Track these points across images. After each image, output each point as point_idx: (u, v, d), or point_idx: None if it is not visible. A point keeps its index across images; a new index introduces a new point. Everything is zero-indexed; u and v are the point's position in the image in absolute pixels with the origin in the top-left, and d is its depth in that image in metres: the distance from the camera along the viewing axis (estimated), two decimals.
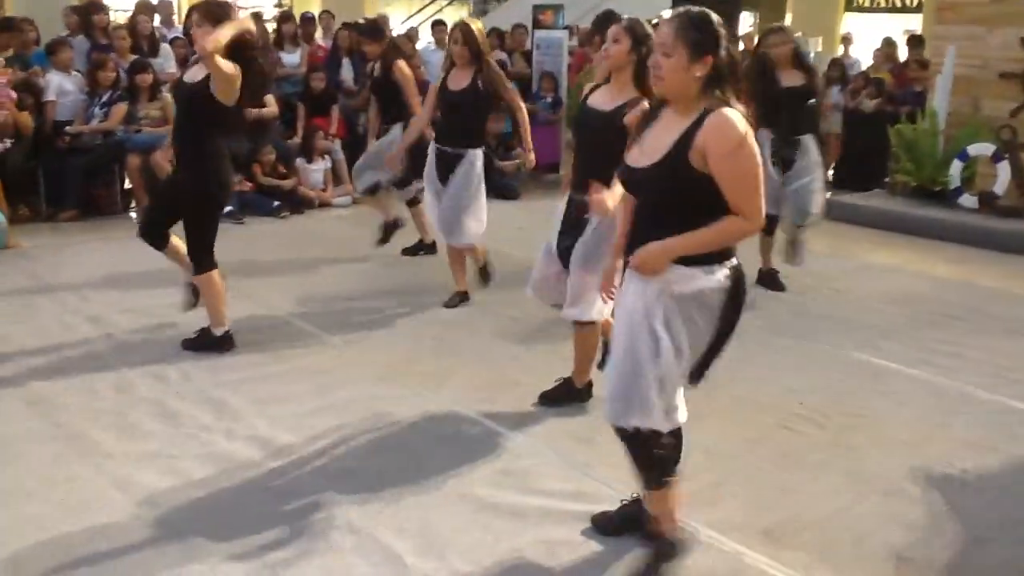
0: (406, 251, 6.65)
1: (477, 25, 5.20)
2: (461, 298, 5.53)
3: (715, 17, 2.50)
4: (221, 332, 4.70)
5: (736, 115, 2.45)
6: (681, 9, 2.54)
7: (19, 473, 3.40)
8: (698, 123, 2.46)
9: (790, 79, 5.70)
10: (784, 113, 5.71)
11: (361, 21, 11.32)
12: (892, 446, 3.88)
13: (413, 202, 6.58)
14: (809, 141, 5.82)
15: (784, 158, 5.78)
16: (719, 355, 2.76)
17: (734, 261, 2.62)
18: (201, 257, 4.61)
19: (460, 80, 5.18)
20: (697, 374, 2.77)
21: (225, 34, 4.16)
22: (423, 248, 6.69)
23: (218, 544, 2.99)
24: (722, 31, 2.49)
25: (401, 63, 6.23)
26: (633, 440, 2.70)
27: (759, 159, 2.48)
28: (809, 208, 5.82)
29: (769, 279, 6.14)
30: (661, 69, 2.50)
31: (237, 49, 4.27)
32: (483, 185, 5.29)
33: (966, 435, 4.01)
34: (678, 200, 2.52)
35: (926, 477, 3.61)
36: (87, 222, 7.50)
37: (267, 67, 4.62)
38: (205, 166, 4.48)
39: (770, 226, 6.04)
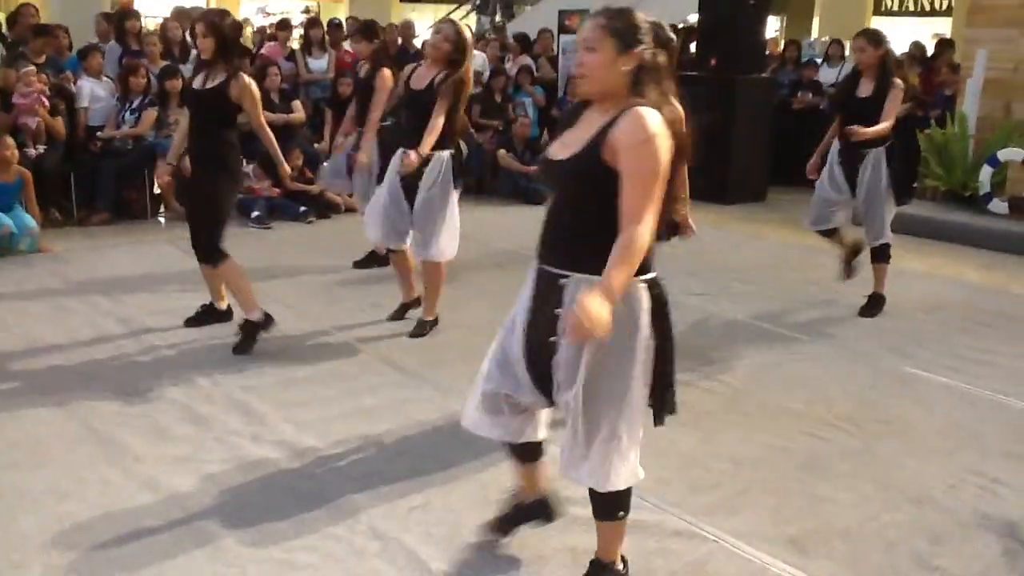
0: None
1: (460, 29, 4.92)
2: (406, 310, 5.34)
3: (640, 14, 2.44)
4: (259, 315, 4.81)
5: (652, 114, 2.34)
6: (602, 6, 2.47)
7: (53, 474, 3.45)
8: (616, 119, 2.37)
9: (864, 89, 5.49)
10: (847, 124, 5.54)
11: (397, 23, 11.44)
12: (922, 454, 3.84)
13: None
14: (876, 157, 5.52)
15: (846, 171, 5.61)
16: (671, 382, 2.60)
17: (652, 275, 2.48)
18: (213, 252, 4.76)
19: (423, 78, 4.87)
20: (659, 408, 2.61)
21: None
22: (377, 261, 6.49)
23: (245, 546, 3.02)
24: (647, 26, 2.42)
25: (386, 71, 6.14)
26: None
27: (662, 165, 2.33)
28: (880, 235, 5.64)
29: (850, 265, 5.95)
30: (585, 66, 2.38)
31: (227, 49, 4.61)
32: (454, 192, 4.91)
33: (998, 443, 3.97)
34: (590, 195, 2.41)
35: (957, 486, 3.58)
36: (118, 226, 7.60)
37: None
38: (221, 163, 4.69)
39: (828, 233, 5.90)
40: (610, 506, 2.69)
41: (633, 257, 2.31)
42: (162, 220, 7.91)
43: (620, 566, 2.82)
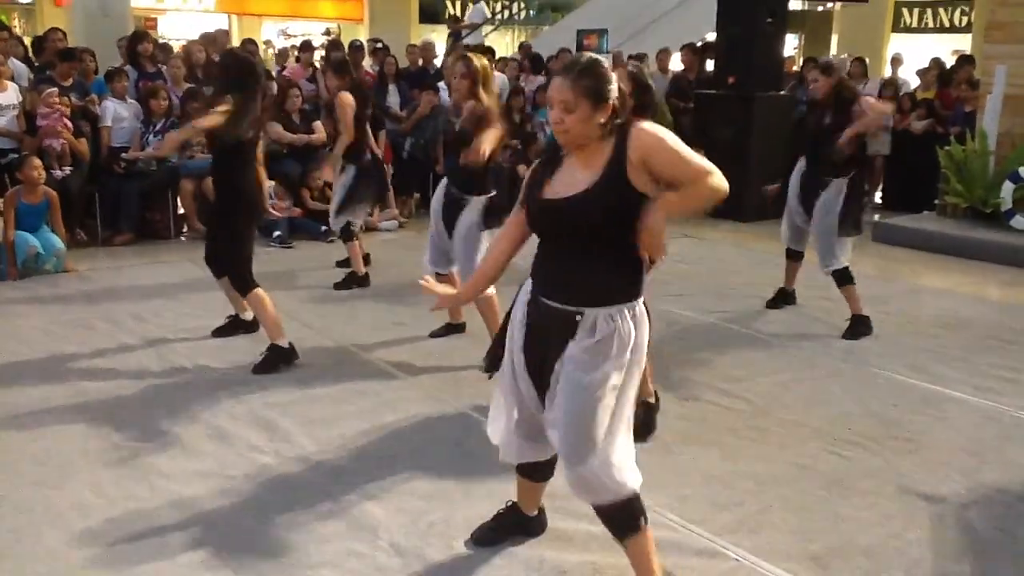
0: (339, 286, 6.50)
1: (480, 61, 4.83)
2: (453, 330, 5.44)
3: (604, 61, 2.57)
4: (286, 343, 4.85)
5: (649, 123, 2.56)
6: (569, 60, 2.58)
7: (79, 490, 3.49)
8: (622, 141, 2.52)
9: (828, 117, 5.54)
10: (816, 148, 5.63)
11: (417, 44, 11.54)
12: (945, 472, 3.82)
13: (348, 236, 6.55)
14: (837, 186, 5.53)
15: (805, 194, 5.68)
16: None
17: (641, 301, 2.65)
18: (242, 279, 4.82)
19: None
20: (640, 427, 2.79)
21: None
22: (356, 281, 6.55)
23: (268, 563, 3.04)
24: (612, 74, 2.55)
25: (343, 95, 6.26)
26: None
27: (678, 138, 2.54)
28: (831, 262, 5.62)
29: (783, 297, 6.16)
30: (564, 124, 2.52)
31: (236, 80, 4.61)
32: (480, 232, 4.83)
33: (1021, 461, 3.93)
34: (613, 223, 2.53)
35: (980, 504, 3.55)
36: (142, 246, 7.69)
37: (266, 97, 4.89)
38: (233, 194, 4.76)
39: (794, 255, 6.06)
40: (626, 516, 2.69)
41: (698, 192, 2.51)
42: (183, 239, 7.99)
43: None
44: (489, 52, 10.90)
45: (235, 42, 12.63)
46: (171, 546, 3.13)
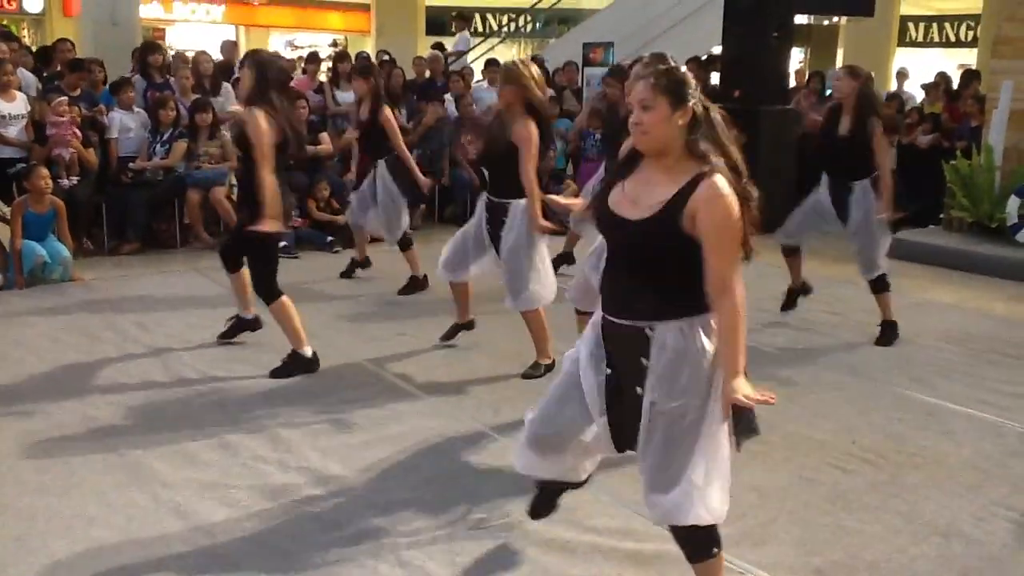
0: (344, 274, 7.12)
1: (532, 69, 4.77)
2: (458, 331, 5.45)
3: (684, 67, 2.54)
4: (310, 352, 4.89)
5: (726, 184, 2.44)
6: (648, 60, 2.54)
7: (82, 499, 3.50)
8: (691, 186, 2.45)
9: (844, 126, 5.57)
10: (833, 159, 5.69)
11: (424, 56, 11.57)
12: (950, 487, 3.81)
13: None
14: (862, 188, 5.59)
15: (835, 202, 5.72)
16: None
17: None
18: (267, 290, 4.85)
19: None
20: (737, 434, 2.66)
21: None
22: (358, 265, 7.16)
23: (269, 573, 3.04)
24: (692, 80, 2.51)
25: (387, 109, 6.54)
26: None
27: (740, 231, 2.47)
28: (872, 267, 5.71)
29: (803, 290, 6.15)
30: (644, 124, 2.48)
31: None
32: (540, 237, 4.82)
33: None
34: (666, 255, 2.51)
35: (986, 519, 3.54)
36: (148, 255, 7.71)
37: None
38: (261, 206, 4.69)
39: (790, 251, 6.10)
40: (701, 542, 2.65)
41: (740, 331, 2.43)
42: (195, 244, 8.01)
43: None
44: (493, 64, 10.93)
45: (242, 53, 12.68)
46: (173, 555, 3.13)
